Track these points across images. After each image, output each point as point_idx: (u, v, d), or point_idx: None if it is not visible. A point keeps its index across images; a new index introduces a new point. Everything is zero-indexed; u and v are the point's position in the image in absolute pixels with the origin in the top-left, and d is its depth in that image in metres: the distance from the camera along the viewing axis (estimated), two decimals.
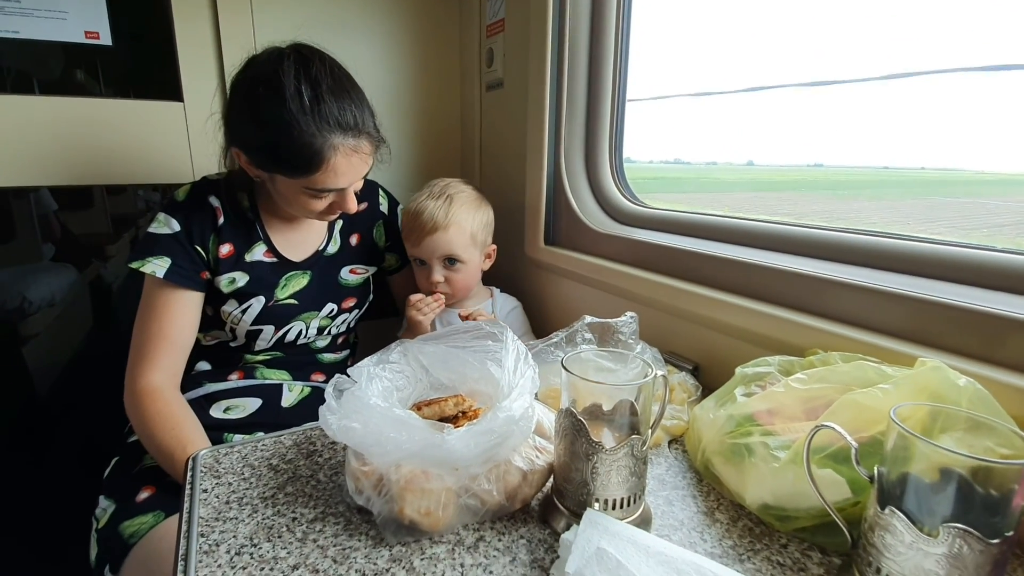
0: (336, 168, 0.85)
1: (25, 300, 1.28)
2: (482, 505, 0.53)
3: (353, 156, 0.87)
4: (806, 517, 0.52)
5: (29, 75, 1.12)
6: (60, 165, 1.13)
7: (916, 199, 1.00)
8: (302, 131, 0.81)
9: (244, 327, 0.96)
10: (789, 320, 0.70)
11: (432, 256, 1.07)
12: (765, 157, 1.12)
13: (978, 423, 0.44)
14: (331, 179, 0.86)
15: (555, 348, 0.76)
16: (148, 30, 1.18)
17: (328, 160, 0.84)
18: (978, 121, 0.74)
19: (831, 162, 0.99)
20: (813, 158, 1.01)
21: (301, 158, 0.83)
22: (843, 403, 0.51)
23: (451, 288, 1.09)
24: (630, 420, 0.52)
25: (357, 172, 0.90)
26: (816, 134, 0.97)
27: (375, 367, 0.63)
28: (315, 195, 0.88)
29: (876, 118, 0.85)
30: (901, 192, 1.02)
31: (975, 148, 0.77)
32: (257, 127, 0.84)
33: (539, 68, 1.10)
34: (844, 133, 0.93)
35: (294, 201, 0.91)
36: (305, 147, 0.82)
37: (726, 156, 1.22)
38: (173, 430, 0.83)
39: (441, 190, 1.08)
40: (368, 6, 1.32)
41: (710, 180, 1.35)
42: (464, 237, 1.06)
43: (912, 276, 0.67)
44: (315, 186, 0.86)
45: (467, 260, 1.07)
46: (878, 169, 0.93)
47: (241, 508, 0.56)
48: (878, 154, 0.91)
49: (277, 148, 0.83)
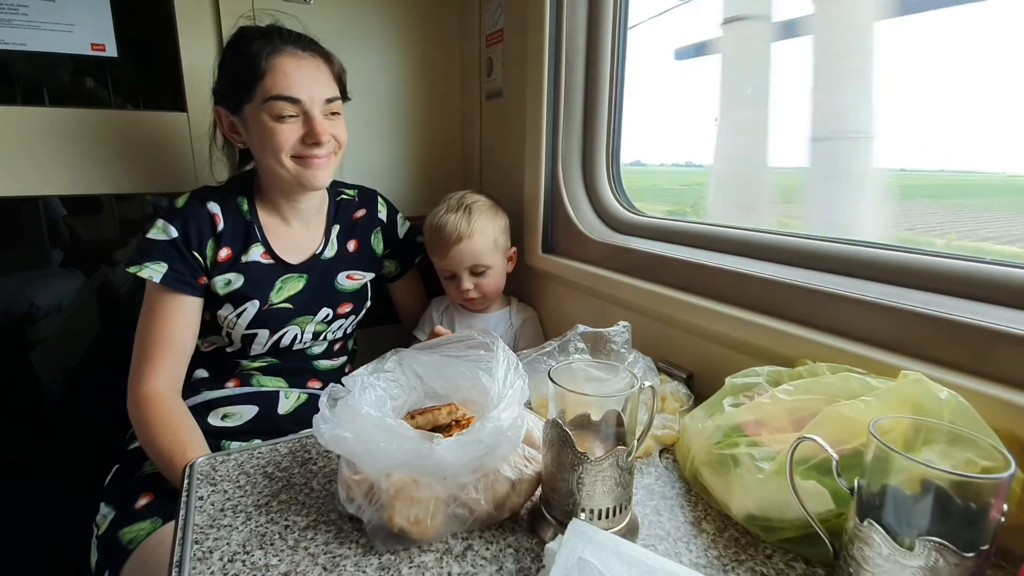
0: (283, 69, 0.90)
1: (33, 305, 1.30)
2: (470, 514, 0.54)
3: (301, 62, 0.93)
4: (790, 528, 0.52)
5: (39, 85, 1.14)
6: (66, 175, 1.15)
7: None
8: (247, 42, 0.92)
9: (239, 331, 0.97)
10: (780, 330, 0.71)
11: (460, 267, 1.10)
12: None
13: (959, 436, 0.45)
14: (281, 81, 0.90)
15: (548, 357, 0.77)
16: (153, 42, 1.20)
17: (274, 60, 0.90)
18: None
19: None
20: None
21: (248, 64, 0.90)
22: (827, 415, 0.51)
23: (481, 293, 1.13)
24: (617, 431, 0.53)
25: (312, 82, 0.93)
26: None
27: (369, 376, 0.64)
28: (279, 118, 0.91)
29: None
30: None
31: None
32: (221, 67, 0.96)
33: (536, 77, 1.12)
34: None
35: (265, 139, 0.92)
36: (250, 54, 0.91)
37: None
38: (174, 435, 0.84)
39: (458, 202, 1.12)
40: (371, 17, 1.34)
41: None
42: (487, 243, 1.10)
43: (902, 287, 0.68)
44: (268, 94, 0.90)
45: (493, 264, 1.12)
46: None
47: (235, 515, 0.57)
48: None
49: (231, 69, 0.94)
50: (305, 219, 1.06)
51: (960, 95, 0.85)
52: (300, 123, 0.93)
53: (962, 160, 0.91)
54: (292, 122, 0.92)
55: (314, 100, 0.93)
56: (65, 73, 1.17)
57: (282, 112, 0.91)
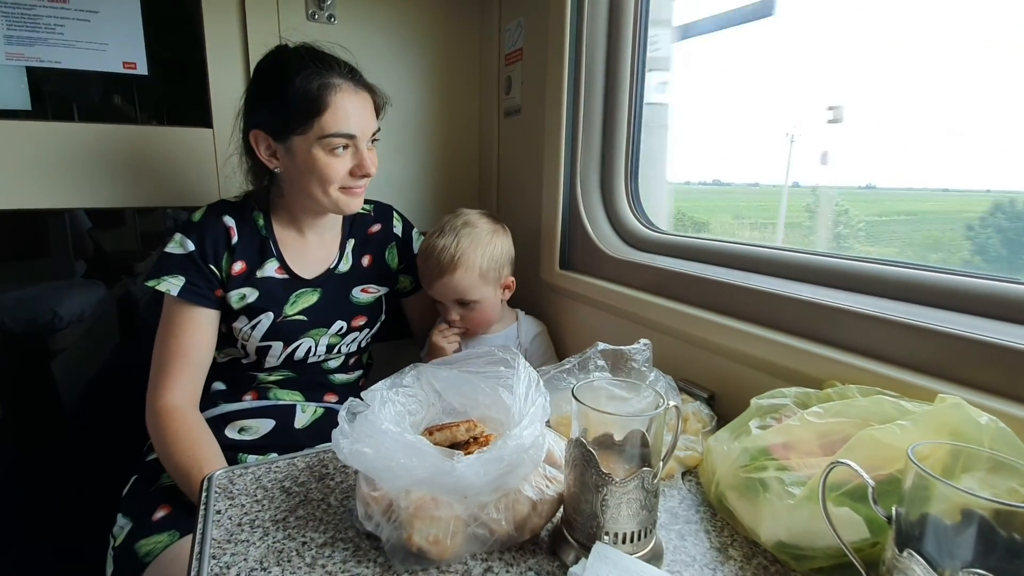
0: (343, 106, 0.91)
1: (56, 315, 1.32)
2: (491, 534, 0.53)
3: (356, 97, 0.94)
4: (823, 557, 0.50)
5: (70, 102, 1.18)
6: (94, 188, 1.17)
7: None
8: (304, 76, 0.90)
9: (254, 343, 0.98)
10: (806, 351, 0.69)
11: (445, 298, 1.07)
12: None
13: (1000, 463, 0.43)
14: (341, 119, 0.91)
15: (567, 375, 0.76)
16: (182, 60, 1.24)
17: (332, 97, 0.91)
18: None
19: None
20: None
21: (307, 100, 0.90)
22: (860, 439, 0.50)
23: (468, 325, 1.10)
24: (641, 451, 0.51)
25: (365, 118, 0.95)
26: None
27: (388, 391, 0.64)
28: (331, 151, 0.92)
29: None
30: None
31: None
32: (268, 94, 0.94)
33: (555, 96, 1.12)
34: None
35: (314, 171, 0.93)
36: (309, 89, 0.90)
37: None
38: (191, 449, 0.84)
39: (452, 227, 1.07)
40: (392, 35, 1.37)
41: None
42: (472, 279, 1.04)
43: (933, 308, 0.66)
44: (327, 131, 0.90)
45: (480, 299, 1.06)
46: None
47: (253, 531, 0.56)
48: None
49: (285, 101, 0.91)
50: (321, 232, 1.07)
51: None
52: (349, 156, 0.95)
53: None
54: (343, 155, 0.94)
55: (365, 135, 0.95)
56: (95, 91, 1.20)
57: (336, 146, 0.92)
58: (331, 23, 1.29)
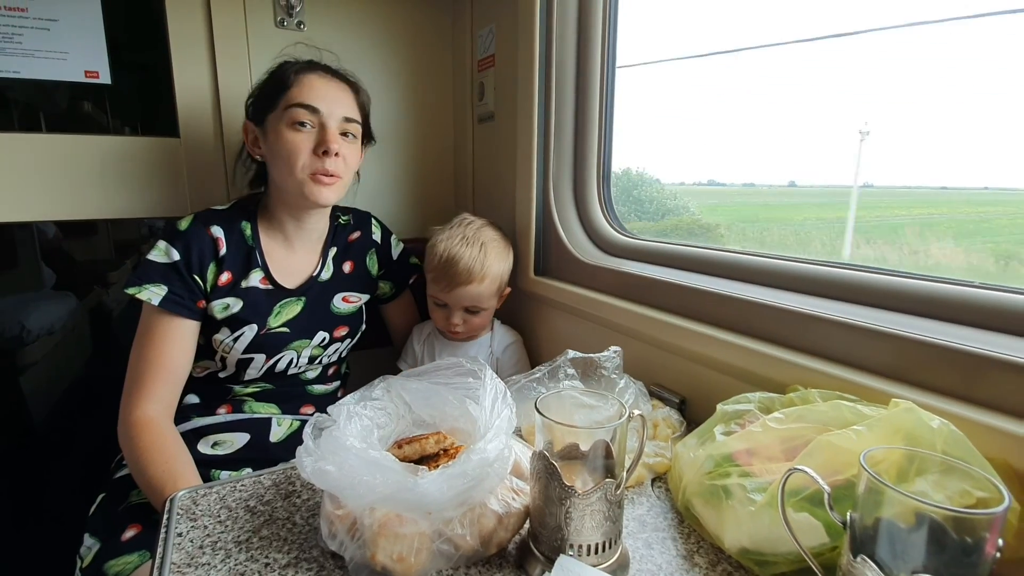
0: (310, 83, 0.95)
1: (24, 329, 1.29)
2: (456, 550, 0.52)
3: (327, 80, 0.98)
4: (784, 562, 0.51)
5: (36, 111, 1.15)
6: (62, 200, 1.15)
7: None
8: (285, 65, 0.99)
9: (235, 356, 0.96)
10: (771, 355, 0.70)
11: (456, 304, 1.09)
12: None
13: (953, 466, 0.44)
14: (305, 91, 0.94)
15: (537, 384, 0.76)
16: (147, 70, 1.21)
17: (302, 76, 0.96)
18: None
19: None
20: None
21: (280, 79, 0.96)
22: (818, 444, 0.50)
23: (468, 328, 1.12)
24: (605, 462, 0.52)
25: (332, 99, 0.96)
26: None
27: (356, 405, 0.63)
28: (295, 126, 0.93)
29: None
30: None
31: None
32: (256, 89, 1.01)
33: (527, 101, 1.13)
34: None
35: (280, 150, 0.94)
36: (283, 72, 0.97)
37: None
38: (165, 463, 0.83)
39: (475, 235, 1.09)
40: (364, 41, 1.36)
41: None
42: (491, 290, 1.09)
43: (893, 312, 0.67)
44: (290, 102, 0.93)
45: (488, 307, 1.11)
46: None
47: (214, 553, 0.55)
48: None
49: (263, 87, 0.99)
50: (305, 240, 1.06)
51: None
52: (315, 134, 0.94)
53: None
54: (307, 132, 0.94)
55: (332, 113, 0.95)
56: (62, 99, 1.18)
57: (300, 119, 0.93)
58: (300, 30, 1.28)
